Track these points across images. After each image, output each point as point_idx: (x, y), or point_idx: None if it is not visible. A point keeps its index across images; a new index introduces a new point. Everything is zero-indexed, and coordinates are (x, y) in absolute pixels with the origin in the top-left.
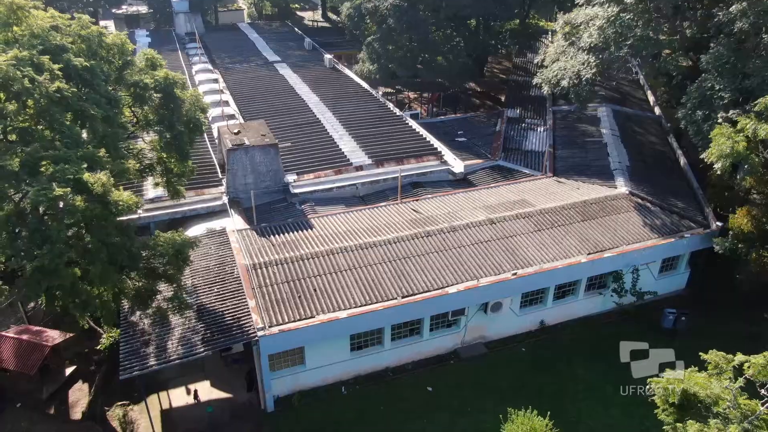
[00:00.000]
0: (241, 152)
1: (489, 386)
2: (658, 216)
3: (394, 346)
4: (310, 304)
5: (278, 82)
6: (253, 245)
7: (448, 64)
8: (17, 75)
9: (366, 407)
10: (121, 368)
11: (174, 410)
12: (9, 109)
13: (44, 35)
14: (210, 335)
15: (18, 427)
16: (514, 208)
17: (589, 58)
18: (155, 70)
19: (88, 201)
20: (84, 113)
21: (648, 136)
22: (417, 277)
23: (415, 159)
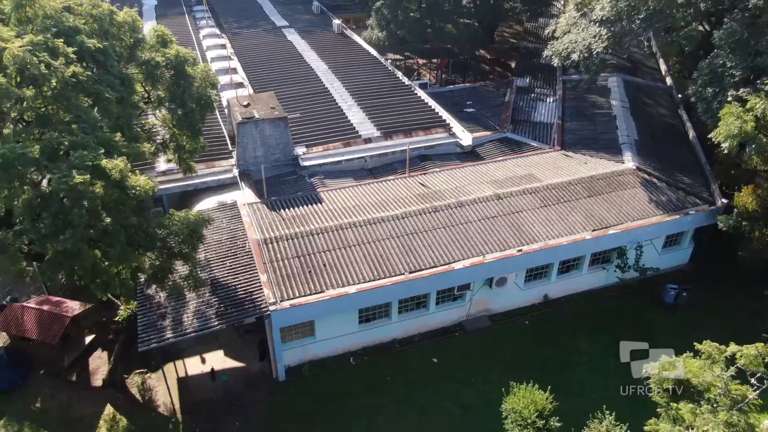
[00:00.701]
0: (251, 125)
1: (493, 358)
2: (664, 192)
3: (401, 319)
4: (320, 279)
5: (286, 49)
6: (264, 219)
7: (457, 31)
8: (34, 61)
9: (374, 377)
10: (140, 341)
11: (190, 378)
12: (27, 95)
13: (57, 16)
14: (224, 309)
15: (42, 393)
16: (521, 183)
17: (601, 31)
18: (166, 47)
19: (106, 187)
20: (99, 96)
21: (658, 108)
22: (424, 253)
23: (423, 131)
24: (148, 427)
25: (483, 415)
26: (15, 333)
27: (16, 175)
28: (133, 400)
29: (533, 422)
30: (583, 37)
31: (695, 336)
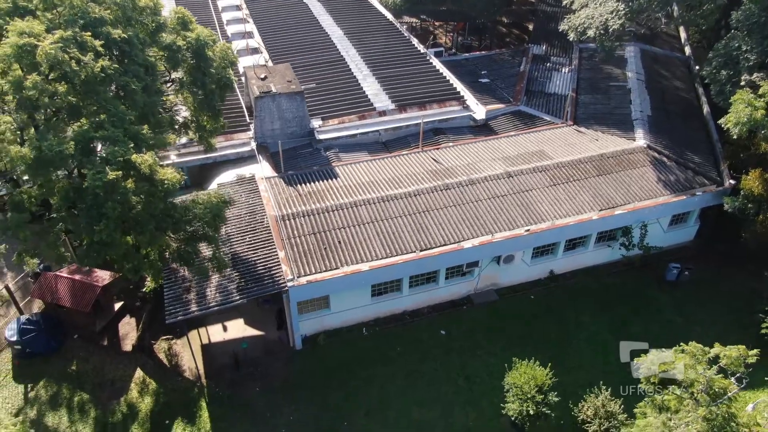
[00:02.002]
0: (268, 99)
1: (498, 331)
2: (672, 171)
3: (412, 293)
4: (335, 256)
5: (302, 13)
6: (281, 194)
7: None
8: (65, 58)
9: (385, 347)
10: (167, 313)
11: (212, 345)
12: (60, 90)
13: (83, 7)
14: (244, 284)
15: (77, 357)
16: (532, 160)
17: (618, 6)
18: (187, 28)
19: (137, 180)
20: (125, 88)
21: (674, 81)
22: (435, 231)
23: (437, 104)
24: (175, 390)
25: (486, 386)
26: (50, 301)
27: (53, 170)
28: (161, 364)
29: (533, 396)
30: (600, 12)
31: (694, 314)
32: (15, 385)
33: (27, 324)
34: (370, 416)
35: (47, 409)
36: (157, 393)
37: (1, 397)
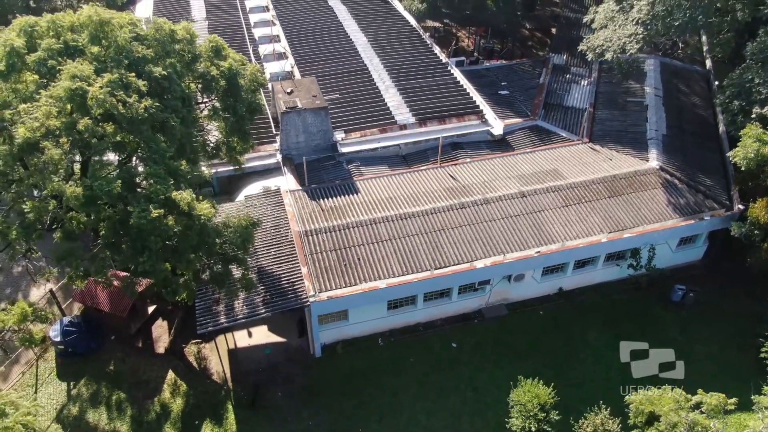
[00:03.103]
0: (294, 114)
1: (507, 345)
2: (683, 194)
3: (426, 307)
4: (354, 273)
5: (327, 17)
6: (305, 209)
7: (497, 8)
8: (113, 102)
9: (399, 358)
10: (198, 324)
11: (238, 350)
12: (108, 131)
13: (127, 47)
14: (269, 297)
15: (115, 357)
16: (546, 179)
17: (637, 30)
18: (220, 57)
19: (176, 216)
20: (165, 124)
21: (692, 97)
22: (449, 250)
23: (456, 118)
24: (204, 392)
25: (493, 398)
26: (90, 304)
27: (102, 206)
28: (191, 367)
29: (535, 414)
30: (618, 35)
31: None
32: (59, 382)
33: (69, 326)
34: (382, 423)
35: (88, 406)
36: (187, 394)
37: (47, 394)
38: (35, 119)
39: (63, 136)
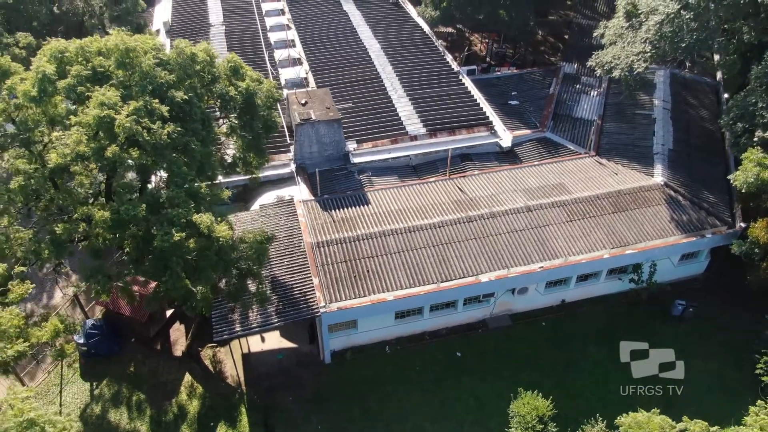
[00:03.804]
0: (308, 126)
1: (509, 356)
2: (686, 211)
3: (432, 316)
4: (364, 285)
5: (342, 22)
6: (317, 220)
7: (509, 19)
8: (139, 129)
9: (405, 365)
10: (214, 332)
11: (252, 355)
12: (133, 156)
13: (152, 74)
14: (282, 308)
15: (135, 359)
16: (552, 194)
17: (645, 48)
18: (238, 76)
19: (196, 237)
20: (186, 147)
21: (700, 110)
22: (455, 263)
23: (466, 129)
24: (219, 395)
25: (494, 407)
26: (111, 308)
27: (127, 228)
28: (207, 370)
29: (533, 426)
30: (627, 54)
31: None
32: (82, 382)
33: (92, 328)
34: (388, 430)
35: (110, 406)
36: (203, 397)
37: (71, 393)
38: (66, 146)
39: (92, 161)
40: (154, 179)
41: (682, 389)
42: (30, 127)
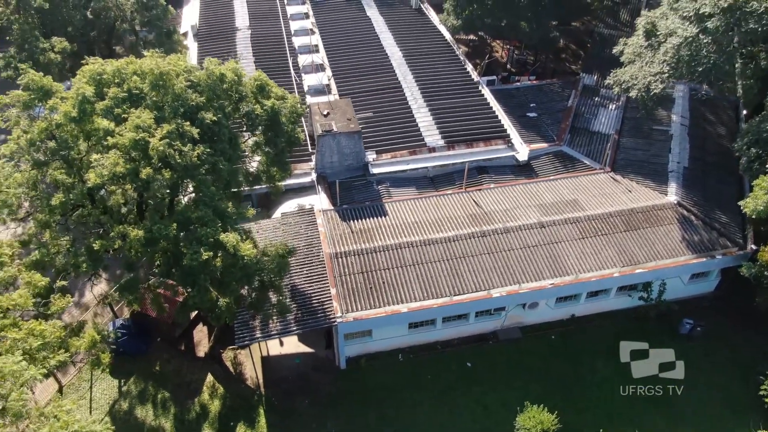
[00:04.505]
0: (329, 137)
1: (519, 367)
2: (698, 231)
3: (444, 327)
4: (379, 296)
5: (365, 27)
6: (336, 230)
7: (530, 30)
8: (171, 153)
9: (417, 373)
10: (237, 338)
11: (271, 358)
12: (165, 177)
13: (183, 96)
14: (300, 316)
15: (161, 359)
16: (565, 210)
17: (663, 68)
18: (263, 94)
19: (223, 255)
20: (215, 167)
21: (718, 127)
22: (468, 277)
23: (483, 142)
24: (239, 396)
25: (501, 417)
26: (139, 309)
27: (159, 244)
28: (228, 371)
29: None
30: (644, 74)
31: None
32: (111, 379)
33: (121, 328)
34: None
35: (137, 402)
36: (224, 397)
37: (101, 389)
38: (104, 167)
39: (127, 182)
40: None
41: (685, 406)
42: (70, 145)
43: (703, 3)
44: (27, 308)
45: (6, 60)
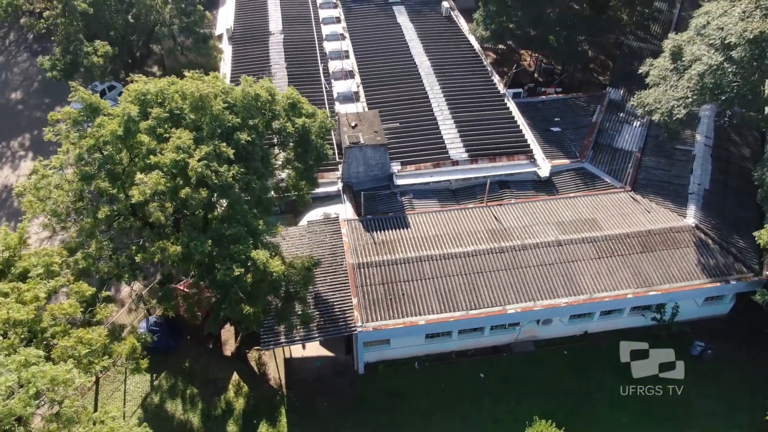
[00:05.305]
0: (356, 149)
1: (530, 381)
2: (714, 255)
3: (460, 338)
4: (398, 308)
5: (394, 35)
6: (359, 240)
7: (557, 45)
8: (209, 173)
9: (431, 382)
10: (262, 341)
11: (293, 360)
12: (202, 195)
13: (221, 117)
14: (323, 323)
15: (190, 356)
16: (583, 229)
17: (686, 93)
18: (295, 113)
19: (253, 271)
20: (248, 185)
21: (742, 148)
22: (484, 292)
23: (506, 157)
24: (262, 396)
25: (510, 429)
26: None
27: (194, 259)
28: (252, 371)
29: None
30: (667, 98)
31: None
32: (144, 373)
33: (154, 325)
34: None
35: (167, 397)
36: (248, 396)
37: (134, 382)
38: (147, 185)
39: (168, 200)
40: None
41: (692, 428)
42: (116, 161)
43: (729, 33)
44: (75, 316)
45: (52, 62)
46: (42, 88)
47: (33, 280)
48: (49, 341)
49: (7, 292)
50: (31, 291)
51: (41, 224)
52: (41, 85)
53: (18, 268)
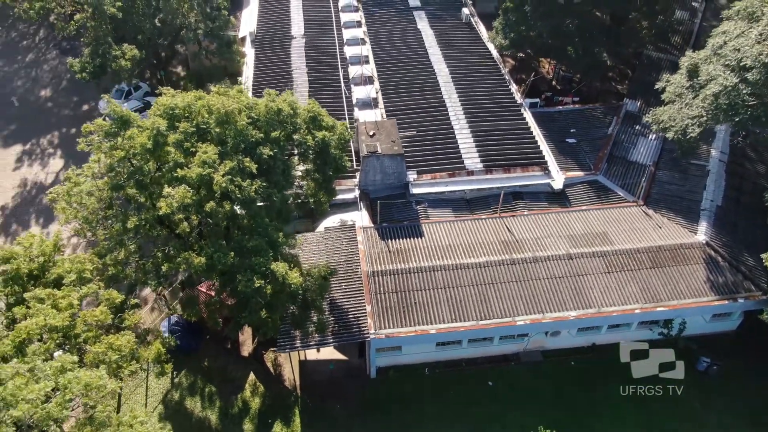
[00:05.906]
0: (374, 158)
1: (537, 390)
2: (723, 273)
3: (470, 347)
4: (410, 316)
5: (414, 41)
6: (374, 248)
7: (576, 56)
8: (232, 188)
9: (441, 388)
10: (279, 345)
11: (308, 362)
12: (226, 209)
13: (245, 132)
14: (337, 329)
15: (209, 356)
16: (594, 243)
17: (701, 112)
18: (316, 126)
19: (273, 283)
20: (269, 198)
21: (757, 165)
22: (495, 303)
23: (521, 168)
24: (277, 396)
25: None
26: None
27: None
28: (268, 372)
29: None
30: (681, 117)
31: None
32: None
33: (175, 325)
34: None
35: (186, 394)
36: (264, 396)
37: (156, 379)
38: (174, 198)
39: (193, 212)
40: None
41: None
42: (144, 172)
43: (745, 55)
44: (106, 322)
45: (81, 64)
46: (71, 86)
47: (67, 288)
48: (81, 346)
49: (43, 298)
50: (65, 298)
51: (72, 229)
52: (70, 83)
53: (52, 274)
